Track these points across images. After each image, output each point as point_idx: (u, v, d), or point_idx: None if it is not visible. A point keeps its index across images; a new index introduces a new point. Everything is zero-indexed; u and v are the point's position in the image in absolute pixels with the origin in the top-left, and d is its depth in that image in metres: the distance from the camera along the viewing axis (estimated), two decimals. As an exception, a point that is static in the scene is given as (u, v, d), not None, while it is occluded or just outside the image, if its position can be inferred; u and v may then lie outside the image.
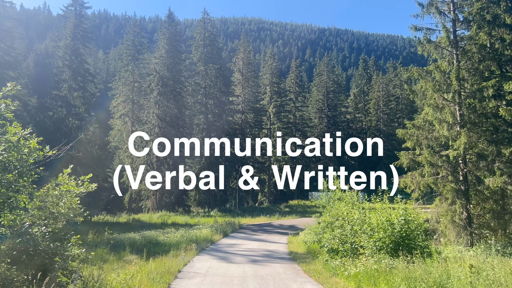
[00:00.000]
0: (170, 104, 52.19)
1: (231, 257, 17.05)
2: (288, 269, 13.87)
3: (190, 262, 15.27)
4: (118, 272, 11.16)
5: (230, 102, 58.60)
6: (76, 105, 42.77)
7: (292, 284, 11.05)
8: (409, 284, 7.68)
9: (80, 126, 42.63)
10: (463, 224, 20.22)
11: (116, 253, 18.59)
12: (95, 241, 22.00)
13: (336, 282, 10.79)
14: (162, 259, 14.31)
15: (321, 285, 10.81)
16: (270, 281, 11.40)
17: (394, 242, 11.12)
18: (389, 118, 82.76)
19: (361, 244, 11.89)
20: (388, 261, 9.91)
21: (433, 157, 20.47)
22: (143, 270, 11.70)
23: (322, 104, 77.05)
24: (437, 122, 20.76)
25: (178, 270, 12.94)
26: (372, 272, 9.83)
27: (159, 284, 10.28)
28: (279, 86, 69.84)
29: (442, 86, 21.40)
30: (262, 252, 18.72)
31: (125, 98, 58.32)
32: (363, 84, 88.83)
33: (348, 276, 10.66)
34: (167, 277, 11.45)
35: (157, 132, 51.30)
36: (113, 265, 15.61)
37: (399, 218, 11.49)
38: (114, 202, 66.56)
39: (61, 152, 7.58)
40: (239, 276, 12.35)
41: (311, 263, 14.55)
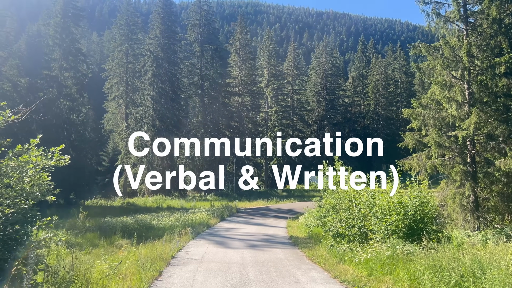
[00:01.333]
0: (165, 86, 50.80)
1: (229, 241, 16.11)
2: (290, 254, 12.92)
3: (184, 247, 14.30)
4: (106, 259, 10.15)
5: (227, 84, 57.21)
6: (67, 85, 41.33)
7: (296, 271, 10.09)
8: (435, 274, 6.74)
9: (72, 108, 41.28)
10: (470, 208, 19.37)
11: (107, 238, 17.65)
12: (85, 226, 21.04)
13: (344, 270, 9.85)
14: (154, 244, 13.34)
15: (328, 273, 9.86)
16: (271, 268, 10.45)
17: (407, 226, 10.16)
18: (387, 102, 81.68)
19: (371, 228, 10.93)
20: (403, 246, 8.95)
21: (441, 138, 19.46)
22: (132, 256, 10.70)
23: (320, 88, 75.77)
24: (446, 100, 19.69)
25: (171, 256, 11.96)
26: (385, 259, 8.87)
27: (150, 272, 9.28)
28: (276, 68, 68.39)
29: (451, 63, 20.29)
30: (261, 236, 17.79)
31: (118, 80, 56.88)
32: (361, 67, 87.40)
33: (358, 263, 9.71)
34: (159, 263, 10.46)
35: (151, 115, 50.00)
36: (102, 250, 14.66)
37: (413, 199, 10.50)
38: (108, 186, 65.56)
39: (23, 116, 6.39)
40: (238, 262, 11.39)
41: (314, 248, 13.61)
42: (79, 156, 42.28)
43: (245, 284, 8.58)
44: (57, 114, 40.85)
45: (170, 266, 10.59)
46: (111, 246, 15.95)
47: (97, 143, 49.77)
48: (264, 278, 9.24)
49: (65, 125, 41.82)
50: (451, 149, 19.83)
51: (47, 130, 39.26)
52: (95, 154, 47.60)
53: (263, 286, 8.45)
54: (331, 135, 73.47)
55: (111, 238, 17.73)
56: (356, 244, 11.39)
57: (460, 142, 19.62)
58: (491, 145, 19.92)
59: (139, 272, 8.76)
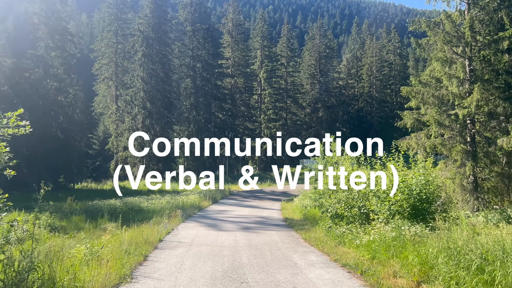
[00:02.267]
0: (155, 67, 49.49)
1: (221, 224, 15.41)
2: (285, 237, 12.24)
3: (174, 230, 13.56)
4: (86, 242, 9.36)
5: (219, 65, 55.91)
6: (54, 65, 39.96)
7: (292, 254, 9.39)
8: (450, 257, 6.05)
9: (59, 88, 40.02)
10: (470, 188, 18.82)
11: (93, 221, 16.89)
12: (71, 208, 20.27)
13: (344, 253, 9.16)
14: (141, 227, 12.57)
15: (327, 256, 9.18)
16: (266, 251, 9.74)
17: (412, 206, 9.47)
18: (382, 84, 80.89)
19: (372, 209, 10.23)
20: (409, 227, 8.26)
21: (441, 116, 18.77)
22: (116, 240, 9.93)
23: (314, 70, 74.67)
24: (446, 77, 18.93)
25: (159, 239, 11.21)
26: (390, 240, 8.18)
27: (134, 257, 8.52)
28: (270, 50, 67.09)
29: (452, 39, 19.47)
30: (254, 218, 17.12)
31: (108, 61, 55.41)
32: (356, 49, 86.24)
33: (359, 245, 9.02)
34: (145, 247, 9.70)
35: (142, 97, 48.83)
36: (87, 233, 13.92)
37: (418, 177, 9.80)
38: (99, 169, 64.74)
39: None
40: (230, 245, 10.67)
41: (310, 230, 12.94)
42: (68, 138, 41.24)
43: (238, 269, 7.87)
44: (44, 95, 39.63)
45: (157, 250, 9.84)
46: (97, 229, 15.19)
47: (86, 125, 48.66)
48: (259, 262, 8.53)
49: (53, 107, 40.61)
50: (451, 128, 19.17)
51: (34, 112, 38.06)
52: (84, 137, 46.52)
53: (257, 271, 7.74)
54: (325, 118, 72.86)
55: (97, 221, 16.98)
56: (356, 225, 10.70)
57: (460, 120, 18.95)
58: (492, 123, 19.29)
59: (121, 257, 7.99)
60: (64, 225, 16.44)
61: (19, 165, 38.10)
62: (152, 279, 7.09)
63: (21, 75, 39.38)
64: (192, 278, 7.14)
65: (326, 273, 7.54)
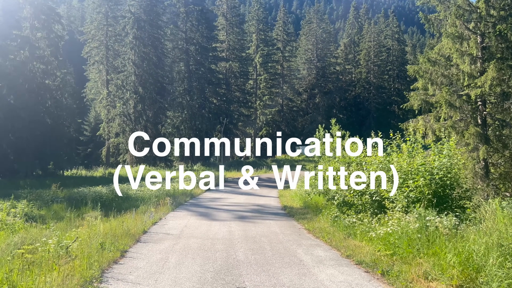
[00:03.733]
0: (147, 50, 47.68)
1: (214, 213, 14.07)
2: (286, 227, 10.92)
3: (162, 219, 12.20)
4: (57, 235, 8.00)
5: (214, 48, 54.07)
6: (40, 47, 38.11)
7: (296, 248, 8.08)
8: (505, 257, 4.76)
9: (46, 71, 38.28)
10: (481, 174, 17.60)
11: (76, 210, 15.51)
12: (55, 195, 18.89)
13: (356, 246, 7.86)
14: (123, 217, 11.20)
15: (336, 250, 7.88)
16: (266, 245, 8.41)
17: (433, 193, 8.17)
18: (380, 70, 79.32)
19: (386, 196, 8.90)
20: (435, 218, 6.95)
21: (452, 97, 17.42)
22: (93, 232, 8.57)
23: (311, 55, 72.98)
24: (458, 55, 17.52)
25: (143, 231, 9.84)
26: (413, 233, 6.88)
27: (108, 253, 7.15)
28: (266, 34, 65.23)
29: (464, 13, 18.03)
30: (251, 207, 15.79)
31: (98, 44, 53.44)
32: (353, 34, 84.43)
33: (375, 238, 7.70)
34: (124, 241, 8.34)
35: (133, 81, 47.10)
36: (67, 223, 12.59)
37: (442, 159, 8.47)
38: (91, 156, 63.17)
39: None
40: (224, 238, 9.34)
41: (313, 220, 11.63)
42: (57, 123, 39.63)
43: (232, 268, 6.54)
44: (30, 78, 37.84)
45: (138, 244, 8.47)
46: (78, 218, 13.82)
47: (75, 110, 46.94)
48: (257, 259, 7.21)
49: (40, 91, 38.84)
50: (461, 109, 17.86)
51: (20, 96, 36.39)
52: (73, 122, 44.88)
53: (256, 271, 6.41)
54: (321, 104, 71.41)
55: (80, 209, 15.61)
56: (368, 214, 9.39)
57: (472, 101, 17.66)
58: (506, 104, 18.01)
59: (90, 254, 6.62)
60: (43, 214, 15.09)
61: (5, 152, 36.47)
62: (126, 282, 5.75)
63: (5, 57, 37.48)
64: (176, 281, 5.81)
65: (340, 273, 6.23)
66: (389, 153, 10.14)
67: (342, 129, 20.95)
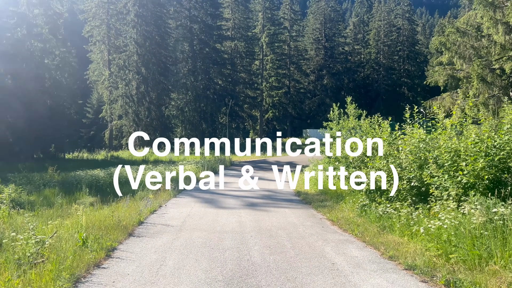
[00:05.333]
0: (150, 28, 45.81)
1: (221, 199, 12.62)
2: (304, 217, 9.43)
3: (162, 207, 10.75)
4: (34, 227, 6.56)
5: (219, 27, 52.03)
6: (38, 24, 36.39)
7: (323, 246, 6.60)
8: None
9: (44, 50, 36.60)
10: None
11: (70, 195, 14.15)
12: (51, 179, 17.53)
13: (398, 244, 6.35)
14: (118, 204, 9.76)
15: (373, 248, 6.38)
16: (285, 241, 6.94)
17: (492, 177, 6.64)
18: (390, 50, 76.75)
19: (430, 181, 7.35)
20: (506, 209, 5.45)
21: (484, 71, 15.70)
22: (77, 224, 7.12)
23: (319, 34, 70.58)
24: (491, 23, 15.71)
25: (138, 222, 8.39)
26: (477, 229, 5.36)
27: (89, 254, 5.67)
28: (272, 12, 62.90)
29: (499, -23, 16.17)
30: (261, 192, 14.32)
31: (99, 22, 51.53)
32: (363, 12, 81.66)
33: (425, 233, 6.17)
34: (114, 235, 6.88)
35: (136, 61, 45.42)
36: (58, 210, 11.25)
37: (504, 137, 6.88)
38: (94, 139, 61.88)
39: None
40: (234, 230, 7.87)
41: (335, 208, 10.12)
42: (56, 104, 38.17)
43: (247, 276, 5.06)
44: (28, 57, 36.21)
45: (131, 239, 7.02)
46: (71, 205, 12.43)
47: (76, 91, 45.32)
48: (277, 260, 5.72)
49: (38, 70, 37.23)
50: (494, 85, 16.16)
51: (17, 75, 34.89)
52: (74, 103, 43.39)
53: (278, 279, 4.93)
54: (329, 86, 69.38)
55: (74, 195, 14.24)
56: (404, 204, 7.85)
57: (506, 75, 15.95)
58: (543, 80, 16.28)
59: (68, 255, 5.15)
60: (32, 200, 13.71)
61: (4, 134, 35.03)
62: (105, 300, 4.29)
63: (2, 35, 35.87)
64: (173, 297, 4.35)
65: (390, 284, 4.75)
66: (428, 131, 8.55)
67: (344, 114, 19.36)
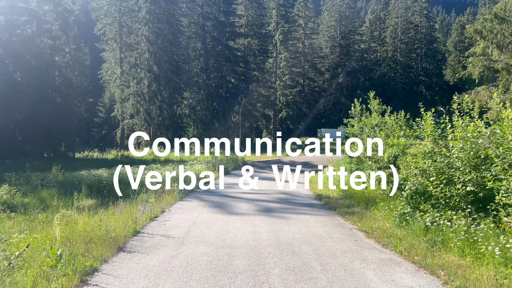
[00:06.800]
0: (162, 25, 44.74)
1: (232, 203, 11.23)
2: (331, 227, 7.97)
3: (165, 212, 9.40)
4: (6, 239, 5.29)
5: (231, 23, 50.74)
6: (47, 20, 35.58)
7: (362, 269, 5.15)
8: None
9: (54, 47, 35.75)
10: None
11: (68, 197, 12.96)
12: (48, 179, 16.41)
13: (460, 267, 4.89)
14: (112, 210, 8.42)
15: (430, 274, 4.92)
16: (311, 260, 5.50)
17: None
18: (407, 48, 74.60)
19: (494, 186, 5.81)
20: None
21: (527, 61, 14.01)
22: (70, 231, 5.79)
23: (334, 32, 68.84)
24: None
25: (133, 231, 7.04)
26: None
27: (60, 279, 4.31)
28: (286, 9, 61.36)
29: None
30: (276, 195, 12.88)
31: (111, 20, 50.75)
32: (379, 10, 79.58)
33: (501, 256, 4.68)
34: (98, 250, 5.53)
35: (147, 58, 44.35)
36: (53, 214, 9.99)
37: None
38: (106, 138, 61.32)
39: None
40: (247, 244, 6.46)
41: (365, 216, 8.63)
42: (66, 102, 37.29)
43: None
44: (37, 54, 35.41)
45: (120, 256, 5.65)
46: (69, 207, 11.21)
47: (86, 89, 44.43)
48: (306, 292, 4.29)
49: (48, 67, 36.40)
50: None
51: (27, 73, 34.10)
52: (84, 101, 42.45)
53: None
54: (345, 84, 67.61)
55: (73, 196, 13.02)
56: (459, 213, 6.34)
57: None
58: None
59: (29, 282, 3.80)
60: (27, 202, 12.55)
61: (13, 132, 34.21)
62: None
63: (12, 32, 35.13)
64: None
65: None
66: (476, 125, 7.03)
67: (367, 110, 17.98)
